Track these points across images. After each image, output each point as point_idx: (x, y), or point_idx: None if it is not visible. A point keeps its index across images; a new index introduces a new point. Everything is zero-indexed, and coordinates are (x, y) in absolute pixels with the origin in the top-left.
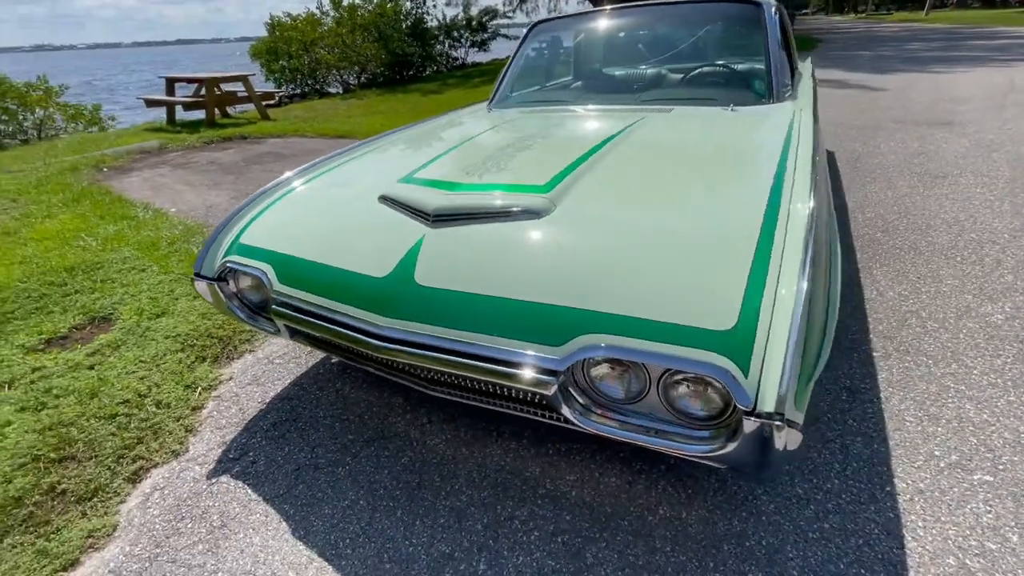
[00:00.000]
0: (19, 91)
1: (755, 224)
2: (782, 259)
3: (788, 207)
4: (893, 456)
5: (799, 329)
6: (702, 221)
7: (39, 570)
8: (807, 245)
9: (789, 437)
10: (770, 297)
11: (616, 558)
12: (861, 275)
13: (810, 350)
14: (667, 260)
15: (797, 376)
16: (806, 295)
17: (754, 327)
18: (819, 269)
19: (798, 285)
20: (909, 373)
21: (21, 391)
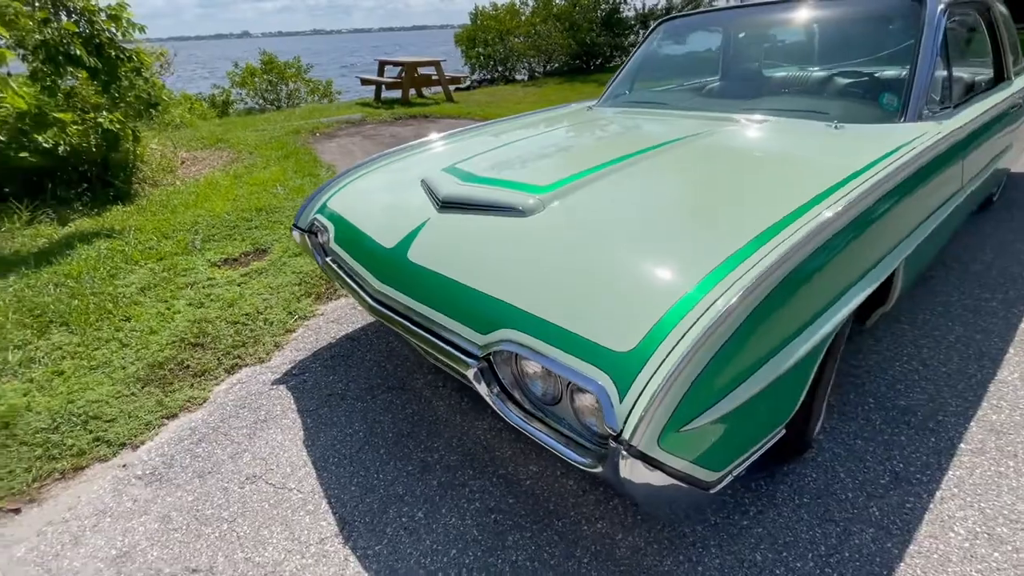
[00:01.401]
0: (280, 68)
1: (711, 263)
2: (713, 303)
3: (764, 254)
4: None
5: (683, 369)
6: (666, 247)
7: (154, 411)
8: (746, 296)
9: (634, 470)
10: (679, 334)
11: (532, 550)
12: (1009, 352)
13: (701, 396)
14: (607, 277)
15: (670, 414)
16: (705, 339)
17: (648, 357)
18: (772, 324)
19: (706, 329)
20: (995, 480)
21: (195, 291)
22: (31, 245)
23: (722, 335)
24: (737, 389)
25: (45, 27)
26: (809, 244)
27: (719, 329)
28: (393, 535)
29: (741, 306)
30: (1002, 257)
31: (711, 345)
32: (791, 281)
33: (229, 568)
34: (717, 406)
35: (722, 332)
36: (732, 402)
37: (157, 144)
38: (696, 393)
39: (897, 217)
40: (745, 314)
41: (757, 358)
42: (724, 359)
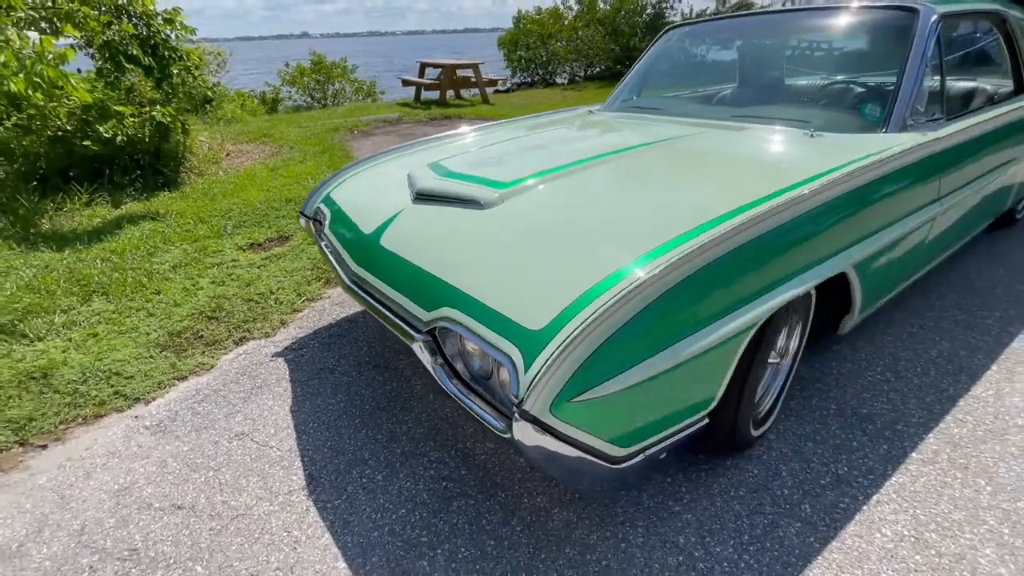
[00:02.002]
0: (327, 68)
1: (629, 256)
2: (622, 291)
3: (682, 249)
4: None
5: (577, 345)
6: (597, 240)
7: (167, 372)
8: (647, 287)
9: (524, 433)
10: (585, 316)
11: (472, 516)
12: (992, 369)
13: (594, 371)
14: (539, 264)
15: (563, 384)
16: (602, 321)
17: (555, 334)
18: (676, 314)
19: (603, 312)
20: (938, 489)
21: (219, 271)
22: (87, 224)
23: (619, 319)
24: (633, 369)
25: (107, 29)
26: (724, 244)
27: (616, 313)
28: (352, 493)
29: (639, 297)
30: (1012, 276)
31: (607, 327)
32: (704, 275)
33: (208, 508)
34: (611, 382)
35: (619, 317)
36: (628, 380)
37: (206, 137)
38: (590, 367)
39: (842, 223)
40: (645, 303)
41: (657, 343)
42: (621, 340)
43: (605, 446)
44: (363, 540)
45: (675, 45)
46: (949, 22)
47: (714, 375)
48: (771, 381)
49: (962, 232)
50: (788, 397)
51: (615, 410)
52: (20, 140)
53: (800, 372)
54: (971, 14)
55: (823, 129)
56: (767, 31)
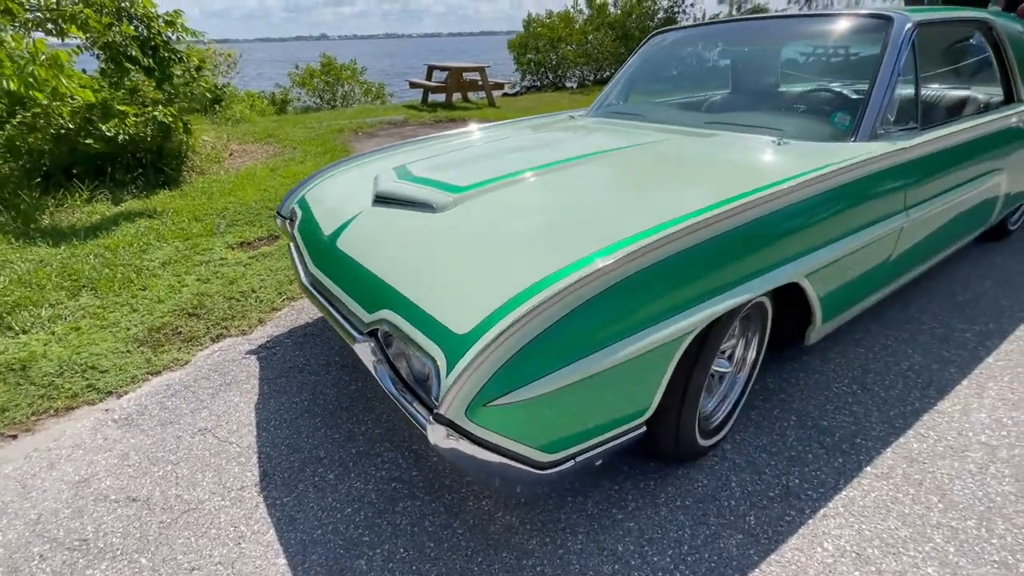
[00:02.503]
0: (336, 70)
1: (559, 263)
2: (546, 298)
3: (605, 259)
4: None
5: (494, 350)
6: (535, 246)
7: (141, 367)
8: (568, 294)
9: (436, 435)
10: (507, 321)
11: (416, 517)
12: (962, 384)
13: (511, 376)
14: (477, 268)
15: (478, 389)
16: (520, 327)
17: (478, 338)
18: (599, 322)
19: (526, 318)
20: (888, 505)
21: (207, 268)
22: (86, 220)
23: (539, 325)
24: (554, 374)
25: (109, 31)
26: (653, 254)
27: (536, 319)
28: (302, 490)
29: (560, 303)
30: (998, 289)
31: (527, 332)
32: (633, 283)
33: (161, 501)
34: (530, 386)
35: (539, 323)
36: (549, 385)
37: (211, 136)
38: (508, 372)
39: (792, 232)
40: (567, 309)
41: (581, 348)
42: (542, 345)
43: (529, 451)
44: (306, 537)
45: (658, 51)
46: (927, 31)
47: (647, 383)
48: (727, 392)
49: (941, 244)
50: (749, 407)
51: (537, 415)
52: (25, 138)
53: (767, 383)
54: (953, 22)
55: (794, 137)
56: (745, 39)
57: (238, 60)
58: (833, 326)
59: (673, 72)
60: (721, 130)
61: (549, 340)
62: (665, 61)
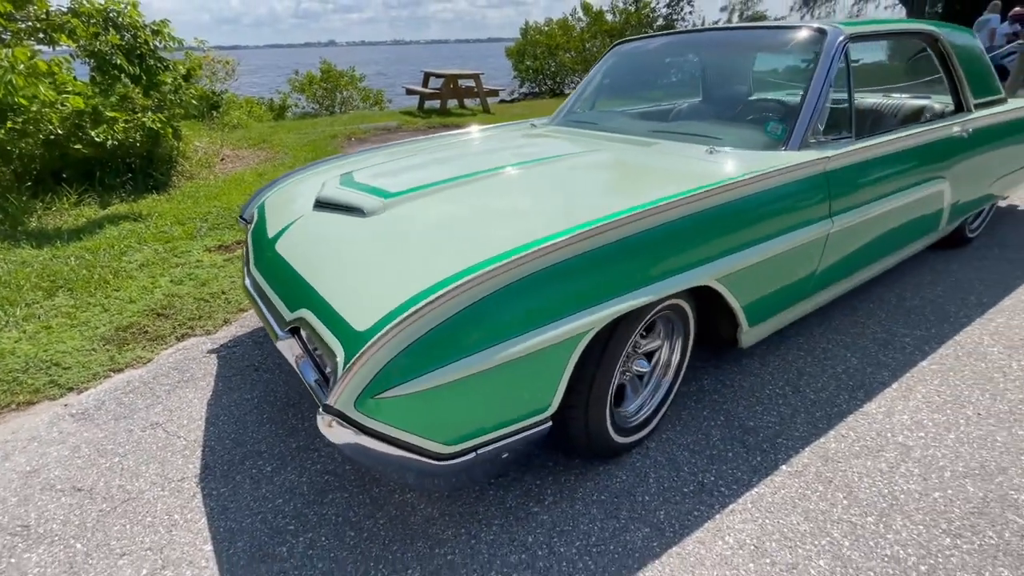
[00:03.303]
0: (335, 77)
1: (460, 265)
2: (438, 297)
3: (504, 263)
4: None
5: (383, 345)
6: (443, 249)
7: (104, 365)
8: (458, 291)
9: (323, 425)
10: (397, 320)
11: (343, 508)
12: (892, 387)
13: (399, 369)
14: (388, 270)
15: (367, 382)
16: (408, 324)
17: (373, 336)
18: (489, 320)
19: (416, 315)
20: (787, 501)
21: (181, 271)
22: (72, 223)
23: (427, 323)
24: (445, 368)
25: (96, 40)
26: (544, 259)
27: (424, 318)
28: (239, 482)
29: (452, 301)
30: (947, 295)
31: (415, 330)
32: (527, 285)
33: (104, 491)
34: (421, 379)
35: (427, 321)
36: (440, 378)
37: (205, 141)
38: (398, 365)
39: (700, 237)
40: (457, 309)
41: (472, 345)
42: (433, 341)
43: (425, 442)
44: (235, 526)
45: (619, 61)
46: (863, 44)
47: (546, 379)
48: (653, 392)
49: (882, 251)
50: (680, 407)
51: (429, 407)
52: (16, 143)
53: (703, 384)
54: (894, 34)
55: (730, 145)
56: (695, 50)
57: (236, 67)
58: (767, 329)
59: (631, 82)
60: (663, 139)
61: (439, 337)
62: (625, 71)
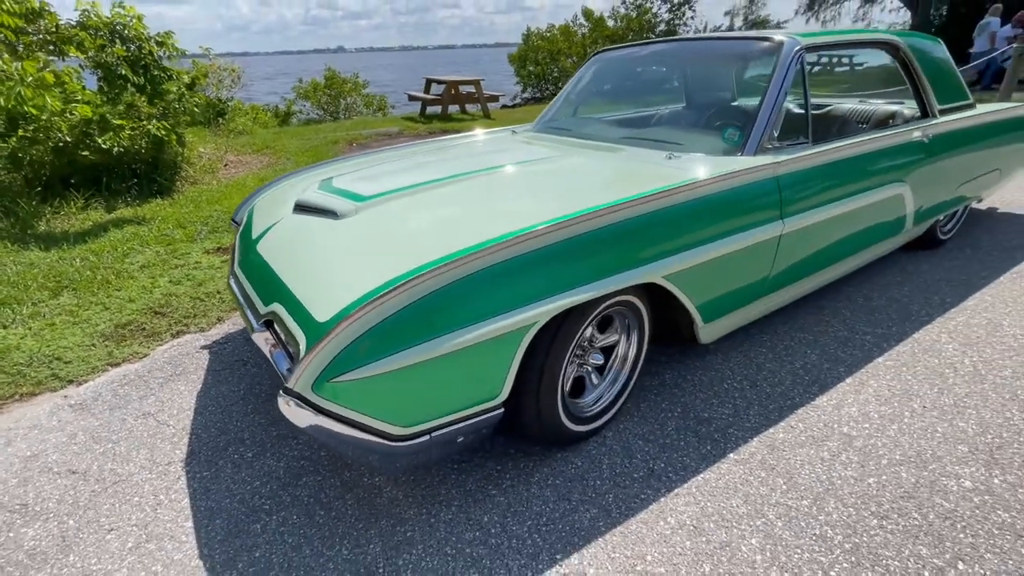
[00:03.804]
0: (339, 83)
1: (412, 263)
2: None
3: (455, 261)
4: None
5: (338, 333)
6: (402, 248)
7: (103, 359)
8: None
9: (284, 406)
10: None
11: (315, 490)
12: (846, 381)
13: (353, 356)
14: (352, 267)
15: (323, 366)
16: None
17: (332, 326)
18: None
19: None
20: (737, 486)
21: (180, 271)
22: (79, 227)
23: (381, 314)
24: (397, 354)
25: (103, 52)
26: (490, 257)
27: (377, 309)
28: (221, 466)
29: (404, 295)
30: (912, 295)
31: (369, 319)
32: (473, 280)
33: (97, 473)
34: (374, 365)
35: (380, 312)
36: (392, 364)
37: (211, 148)
38: (352, 351)
39: (643, 238)
40: (410, 300)
41: (422, 333)
42: (384, 331)
43: (380, 424)
44: (215, 505)
45: (598, 69)
46: (822, 53)
47: (495, 367)
48: (611, 384)
49: (842, 252)
50: (640, 399)
51: (383, 391)
52: (27, 150)
53: (665, 378)
54: (852, 44)
55: (690, 151)
56: (666, 60)
57: (242, 74)
58: (726, 326)
59: (608, 89)
60: (630, 145)
61: (391, 326)
62: (603, 79)
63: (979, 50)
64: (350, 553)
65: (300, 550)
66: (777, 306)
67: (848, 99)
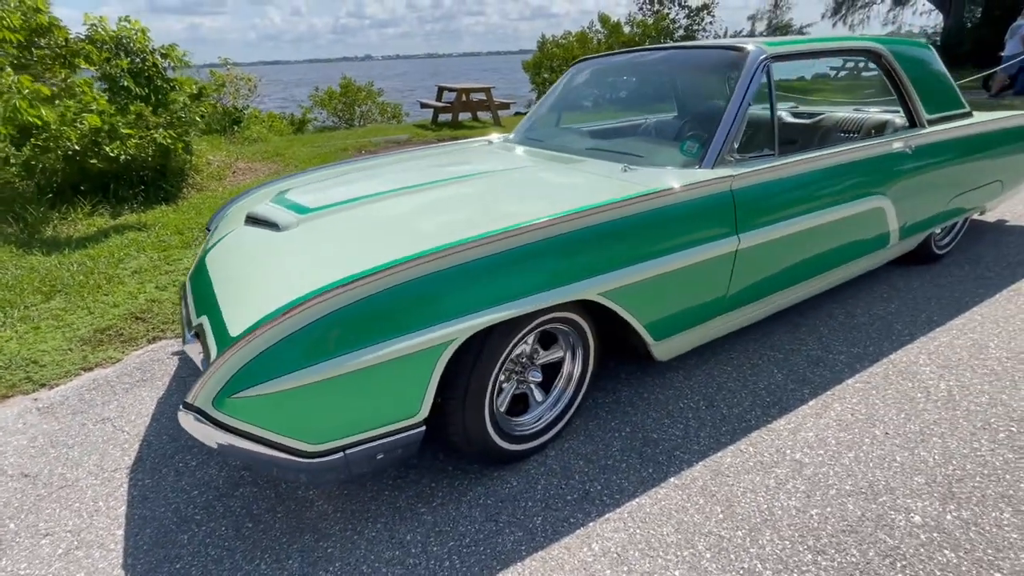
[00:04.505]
0: (354, 91)
1: (334, 276)
2: (295, 306)
3: (372, 276)
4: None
5: (238, 350)
6: (326, 261)
7: (77, 364)
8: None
9: (184, 421)
10: (259, 328)
11: (249, 501)
12: (808, 403)
13: (254, 373)
14: (277, 281)
15: (224, 383)
16: (264, 332)
17: (236, 341)
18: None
19: (269, 327)
20: (672, 513)
21: (168, 278)
22: (83, 232)
23: (284, 330)
24: (300, 372)
25: (107, 64)
26: (407, 272)
27: (280, 325)
28: (164, 474)
29: (310, 311)
30: (898, 313)
31: (273, 335)
32: (383, 297)
33: (46, 478)
34: (275, 382)
35: (283, 328)
36: (295, 381)
37: (222, 155)
38: (254, 368)
39: (578, 254)
40: (316, 317)
41: (326, 351)
42: (287, 347)
43: (288, 441)
44: (149, 514)
45: (577, 78)
46: (791, 63)
47: (410, 386)
48: (554, 403)
49: (813, 268)
50: (590, 417)
51: (288, 407)
52: (40, 159)
53: (620, 395)
54: (827, 53)
55: (648, 163)
56: (637, 69)
57: (257, 84)
58: (682, 344)
59: (584, 98)
60: (593, 157)
61: (296, 342)
62: (580, 88)
63: (1011, 52)
64: (268, 568)
65: (221, 563)
66: (742, 324)
67: (842, 108)
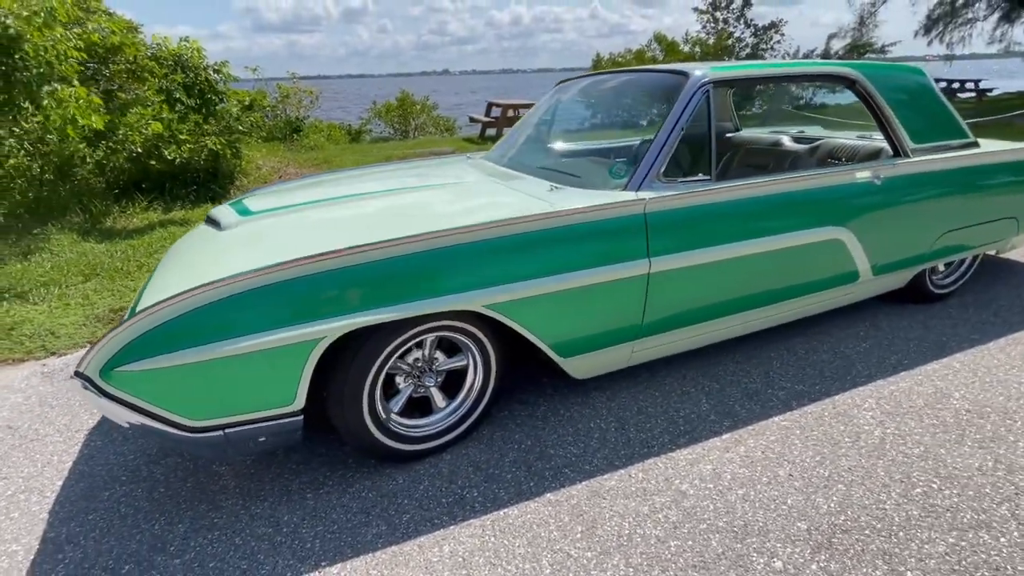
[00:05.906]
0: (409, 105)
1: (233, 270)
2: (181, 294)
3: (251, 274)
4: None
5: (126, 328)
6: (234, 258)
7: (87, 338)
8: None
9: (72, 388)
10: (144, 310)
11: (171, 470)
12: (720, 438)
13: (136, 349)
14: (197, 271)
15: (110, 356)
16: (148, 315)
17: (127, 320)
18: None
19: (153, 310)
20: (532, 528)
21: None
22: (136, 224)
23: (168, 314)
24: (179, 352)
25: (165, 79)
26: (292, 271)
27: (165, 309)
28: (115, 437)
29: (191, 300)
30: (868, 352)
31: (157, 318)
32: (262, 292)
33: (24, 431)
34: (156, 359)
35: (167, 312)
36: (175, 360)
37: (275, 160)
38: (137, 345)
39: (465, 266)
40: (196, 305)
41: (204, 336)
42: (169, 330)
43: (166, 413)
44: (87, 470)
45: (552, 100)
46: (735, 88)
47: (283, 376)
48: (454, 410)
49: (759, 298)
50: (500, 427)
51: (168, 383)
52: (110, 159)
53: (537, 410)
54: (791, 78)
55: (578, 184)
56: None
57: (319, 95)
58: (594, 365)
59: (557, 120)
60: (538, 176)
61: (177, 326)
62: (553, 109)
63: None
64: (160, 529)
65: (125, 519)
66: (670, 351)
67: (849, 135)
